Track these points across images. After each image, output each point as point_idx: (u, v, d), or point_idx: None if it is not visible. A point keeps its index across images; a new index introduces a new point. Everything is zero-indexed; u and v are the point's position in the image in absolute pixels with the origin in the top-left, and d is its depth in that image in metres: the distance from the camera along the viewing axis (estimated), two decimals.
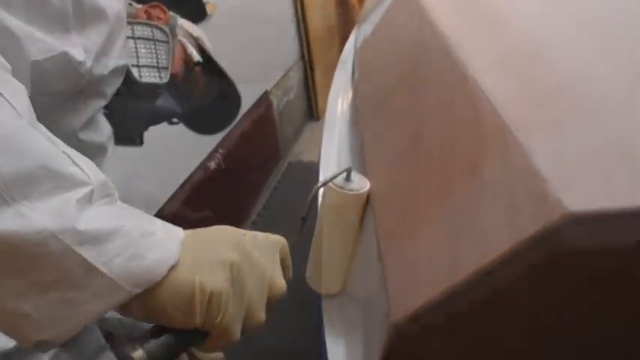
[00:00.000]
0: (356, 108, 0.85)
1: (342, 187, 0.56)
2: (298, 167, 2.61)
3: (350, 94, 1.08)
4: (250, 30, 2.24)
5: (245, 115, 2.17)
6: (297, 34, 2.86)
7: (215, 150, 1.90)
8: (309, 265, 0.63)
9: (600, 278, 0.34)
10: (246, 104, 2.20)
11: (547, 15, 0.59)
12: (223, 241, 0.43)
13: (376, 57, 0.84)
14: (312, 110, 3.12)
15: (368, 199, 0.57)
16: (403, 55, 0.71)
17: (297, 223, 0.55)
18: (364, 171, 0.61)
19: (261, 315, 0.44)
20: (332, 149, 0.92)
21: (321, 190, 0.58)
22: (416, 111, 0.58)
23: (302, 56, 2.95)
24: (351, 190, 0.56)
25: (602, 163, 0.35)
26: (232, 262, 0.41)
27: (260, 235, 0.47)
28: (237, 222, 2.05)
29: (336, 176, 0.56)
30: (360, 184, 0.57)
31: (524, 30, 0.57)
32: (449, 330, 0.38)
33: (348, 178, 0.56)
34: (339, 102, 1.12)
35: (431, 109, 0.54)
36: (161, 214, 1.55)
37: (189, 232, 0.43)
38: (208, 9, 1.83)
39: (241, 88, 2.15)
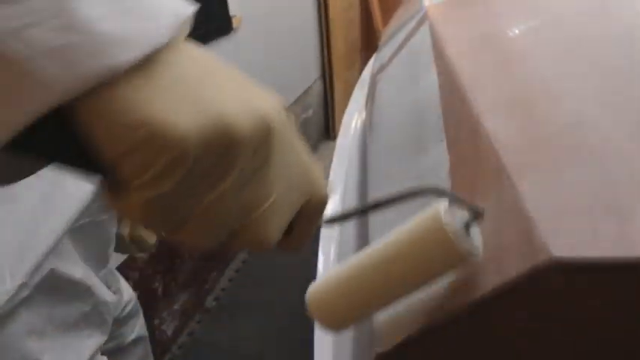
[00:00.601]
0: (368, 132, 0.87)
1: (460, 237, 0.35)
2: None
3: (364, 115, 1.10)
4: (274, 44, 2.28)
5: None
6: (319, 52, 2.90)
7: None
8: (323, 283, 0.40)
9: (580, 323, 0.35)
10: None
11: (559, 56, 0.61)
12: (251, 85, 0.27)
13: (390, 84, 0.86)
14: (329, 129, 3.15)
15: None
16: (415, 84, 0.73)
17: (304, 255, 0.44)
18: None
19: (278, 226, 0.28)
20: (341, 171, 0.94)
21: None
22: (424, 143, 0.59)
23: (323, 74, 2.99)
24: (470, 252, 0.36)
25: (591, 211, 0.36)
26: (266, 115, 0.25)
27: None
28: None
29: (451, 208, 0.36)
30: (478, 245, 0.38)
31: (533, 70, 0.58)
32: None
33: (468, 230, 0.37)
34: (353, 122, 1.14)
35: (436, 145, 0.55)
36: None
37: (189, 45, 0.25)
38: (234, 22, 1.87)
39: None
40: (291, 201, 0.28)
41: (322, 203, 0.31)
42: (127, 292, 0.86)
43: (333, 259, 0.72)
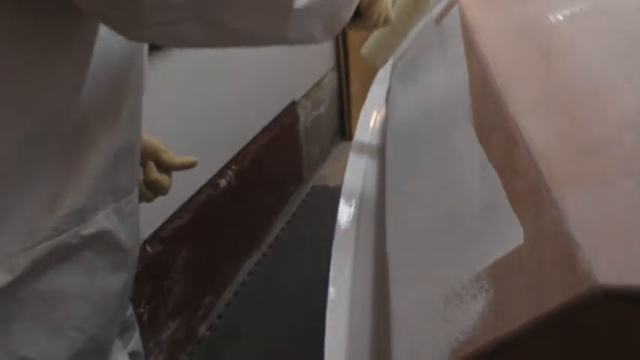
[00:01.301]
0: (387, 134, 0.88)
1: None
2: (322, 193, 2.64)
3: (383, 113, 1.11)
4: None
5: (266, 129, 2.22)
6: (333, 41, 2.91)
7: (227, 166, 1.94)
8: (370, 40, 0.94)
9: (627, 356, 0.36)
10: (268, 115, 2.24)
11: (610, 49, 0.61)
12: None
13: (414, 79, 0.87)
14: (345, 128, 3.16)
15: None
16: (441, 80, 0.74)
17: (313, 260, 0.55)
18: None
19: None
20: (358, 173, 0.95)
21: None
22: (450, 150, 0.60)
23: (337, 64, 3.00)
24: None
25: None
26: None
27: None
28: (245, 251, 2.08)
29: None
30: None
31: (579, 65, 0.59)
32: None
33: None
34: (371, 121, 1.15)
35: (465, 151, 0.56)
36: (158, 237, 1.59)
37: None
38: None
39: (265, 95, 2.20)
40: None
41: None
42: (129, 306, 0.90)
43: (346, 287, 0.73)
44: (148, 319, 1.59)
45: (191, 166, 0.89)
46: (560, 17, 0.70)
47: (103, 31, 0.51)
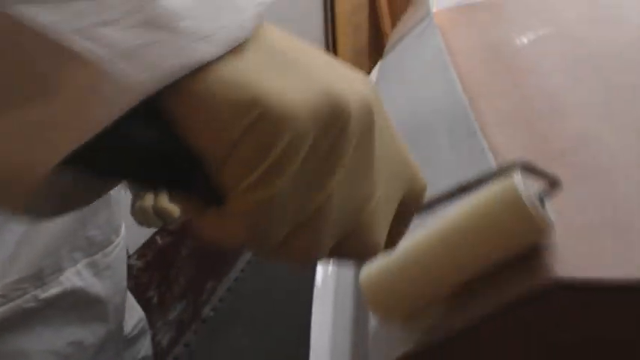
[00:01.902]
0: None
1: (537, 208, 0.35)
2: None
3: None
4: None
5: None
6: None
7: None
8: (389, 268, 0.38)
9: (581, 345, 0.35)
10: None
11: (566, 68, 0.61)
12: (341, 65, 0.24)
13: (392, 94, 0.86)
14: None
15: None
16: (417, 94, 0.73)
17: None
18: None
19: (385, 225, 0.26)
20: None
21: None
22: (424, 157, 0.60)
23: None
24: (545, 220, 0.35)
25: (597, 231, 0.37)
26: (366, 96, 0.23)
27: None
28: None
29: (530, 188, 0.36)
30: (551, 216, 0.36)
31: (540, 83, 0.58)
32: None
33: (542, 202, 0.36)
34: None
35: (437, 161, 0.55)
36: (167, 229, 1.58)
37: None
38: None
39: None
40: (394, 195, 0.26)
41: (422, 194, 0.28)
42: (137, 311, 0.86)
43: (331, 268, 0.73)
44: (158, 302, 1.58)
45: None
46: (525, 40, 0.70)
47: None
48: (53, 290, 0.49)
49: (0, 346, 0.47)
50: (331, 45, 2.89)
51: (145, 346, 0.89)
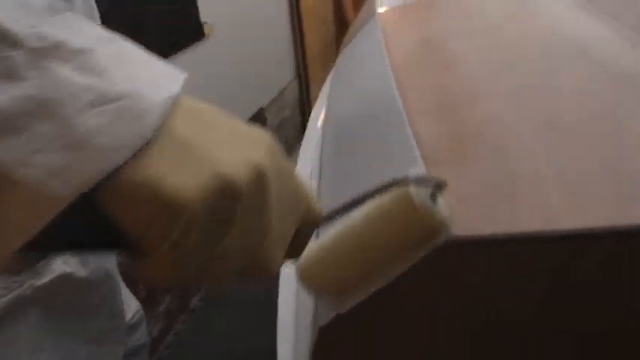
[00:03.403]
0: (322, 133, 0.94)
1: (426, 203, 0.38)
2: None
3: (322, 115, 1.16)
4: (247, 49, 2.35)
5: None
6: (293, 53, 2.97)
7: None
8: (313, 255, 0.43)
9: (477, 292, 0.43)
10: (241, 119, 2.30)
11: (484, 59, 0.69)
12: (244, 133, 0.30)
13: (341, 87, 0.93)
14: (306, 128, 3.21)
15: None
16: (360, 89, 0.80)
17: None
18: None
19: (283, 244, 0.32)
20: (305, 175, 1.00)
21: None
22: (363, 143, 0.67)
23: (298, 74, 3.06)
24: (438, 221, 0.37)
25: (487, 199, 0.44)
26: (259, 164, 0.28)
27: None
28: None
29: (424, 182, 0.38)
30: (443, 210, 0.40)
31: (461, 74, 0.66)
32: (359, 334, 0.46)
33: (434, 197, 0.39)
34: (318, 122, 1.22)
35: (372, 147, 0.62)
36: None
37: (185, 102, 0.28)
38: (206, 30, 1.93)
39: (236, 104, 2.25)
40: (288, 227, 0.32)
41: (316, 221, 0.35)
42: (134, 301, 0.90)
43: None
44: (146, 295, 1.63)
45: None
46: (452, 35, 0.78)
47: None
48: (45, 278, 0.53)
49: (2, 334, 0.52)
50: (299, 40, 2.95)
51: (144, 334, 0.94)
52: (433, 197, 0.38)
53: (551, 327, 0.44)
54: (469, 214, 0.43)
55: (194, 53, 1.88)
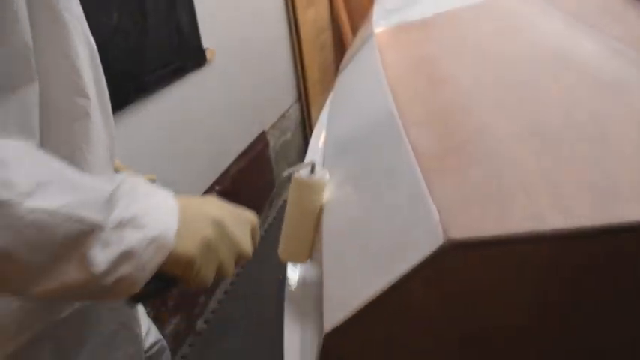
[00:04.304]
0: (324, 150, 0.96)
1: (306, 178, 0.71)
2: None
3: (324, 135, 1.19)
4: (249, 73, 2.39)
5: (242, 154, 2.30)
6: (294, 77, 3.02)
7: (211, 187, 2.01)
8: (281, 242, 0.77)
9: (476, 292, 0.45)
10: (243, 143, 2.33)
11: (475, 74, 0.71)
12: (205, 217, 0.53)
13: (341, 103, 0.96)
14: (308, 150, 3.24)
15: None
16: (359, 105, 0.83)
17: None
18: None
19: (230, 270, 0.57)
20: None
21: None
22: (366, 156, 0.69)
23: (299, 98, 3.10)
24: (313, 181, 0.71)
25: (480, 203, 0.46)
26: (207, 237, 0.52)
27: (236, 211, 0.59)
28: None
29: (301, 168, 0.72)
30: (322, 175, 0.71)
31: (454, 88, 0.68)
32: (365, 339, 0.48)
33: (312, 171, 0.71)
34: (319, 142, 1.24)
35: (371, 158, 0.65)
36: None
37: (181, 203, 0.51)
38: (208, 55, 1.97)
39: (239, 127, 2.29)
40: (229, 264, 0.57)
41: (246, 258, 0.59)
42: (154, 332, 0.91)
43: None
44: (154, 317, 1.64)
45: None
46: (445, 54, 0.80)
47: None
48: (64, 313, 0.58)
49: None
50: (299, 64, 3.00)
51: None
52: (312, 171, 0.71)
53: (543, 326, 0.46)
54: (461, 217, 0.45)
55: (197, 78, 1.91)
